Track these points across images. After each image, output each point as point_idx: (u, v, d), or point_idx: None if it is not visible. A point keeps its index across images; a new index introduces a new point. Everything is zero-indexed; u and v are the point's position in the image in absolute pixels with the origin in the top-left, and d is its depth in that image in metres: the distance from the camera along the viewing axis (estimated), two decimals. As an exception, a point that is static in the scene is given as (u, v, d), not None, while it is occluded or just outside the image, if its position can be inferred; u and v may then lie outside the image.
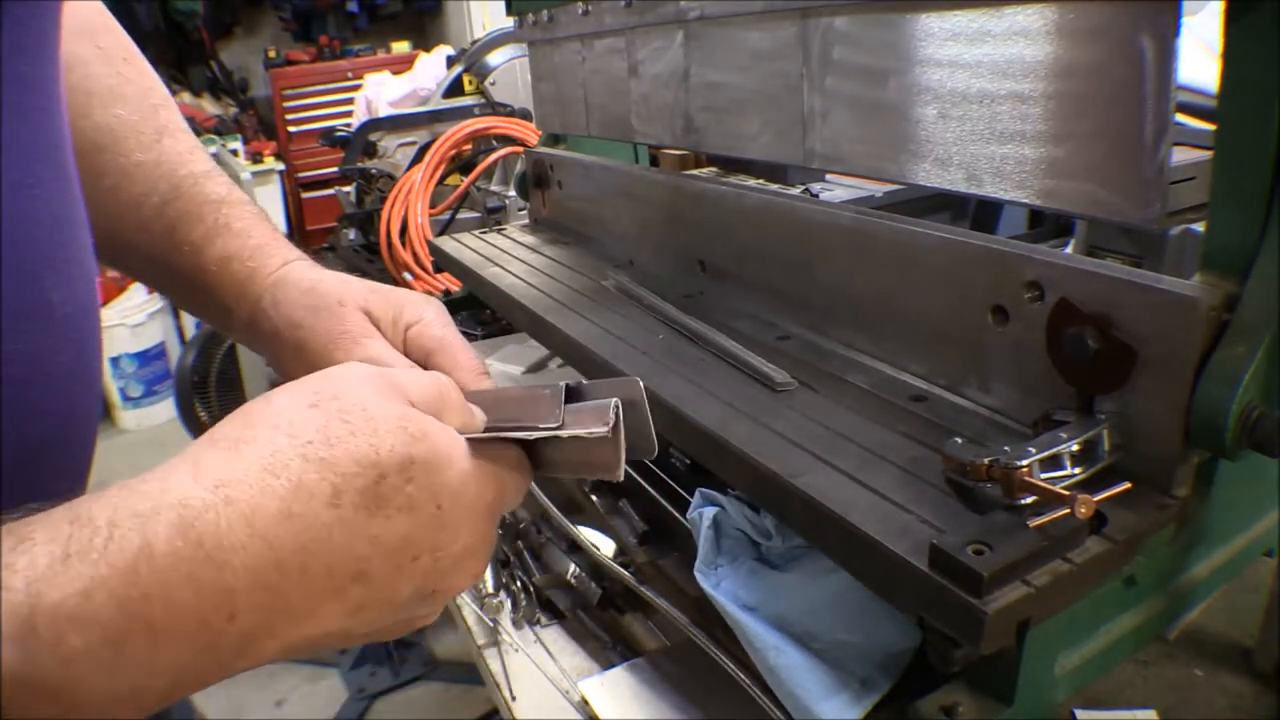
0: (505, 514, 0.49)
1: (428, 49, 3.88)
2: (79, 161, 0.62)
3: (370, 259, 2.35)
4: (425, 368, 0.60)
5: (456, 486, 0.43)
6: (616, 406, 0.47)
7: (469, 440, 0.45)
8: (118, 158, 0.65)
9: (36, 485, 0.44)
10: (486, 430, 0.47)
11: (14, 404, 0.42)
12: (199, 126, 5.22)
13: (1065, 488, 0.52)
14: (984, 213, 1.56)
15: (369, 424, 0.40)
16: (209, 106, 5.84)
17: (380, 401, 0.42)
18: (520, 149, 1.97)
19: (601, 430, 0.46)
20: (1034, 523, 0.52)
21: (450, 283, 1.91)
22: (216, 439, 0.39)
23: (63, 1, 0.50)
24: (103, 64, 0.66)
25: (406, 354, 0.61)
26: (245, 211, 0.67)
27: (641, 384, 0.48)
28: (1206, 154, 0.65)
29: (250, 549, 0.36)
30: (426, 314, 0.62)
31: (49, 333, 0.45)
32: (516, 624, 0.97)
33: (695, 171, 2.00)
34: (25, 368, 0.43)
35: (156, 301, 4.52)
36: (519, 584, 1.00)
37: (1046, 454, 0.55)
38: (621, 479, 0.48)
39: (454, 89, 2.59)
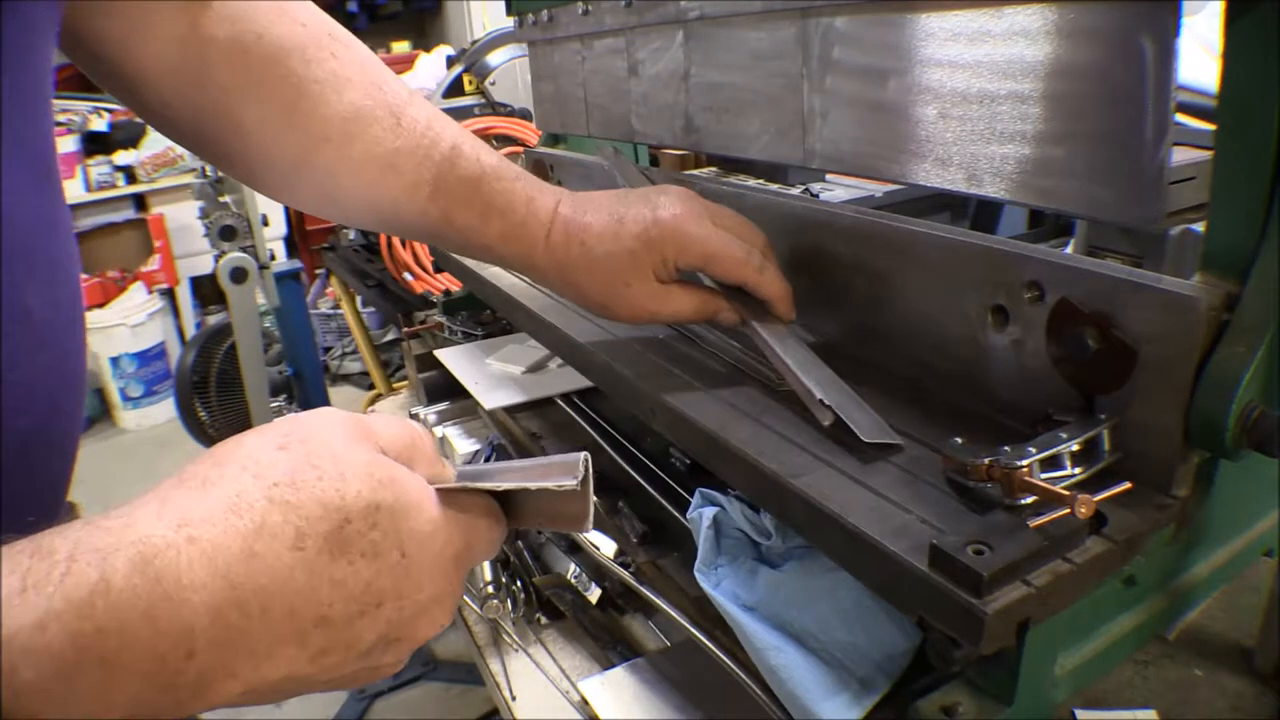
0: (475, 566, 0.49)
1: (428, 49, 3.88)
2: (334, 152, 0.68)
3: (370, 259, 2.35)
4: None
5: (423, 534, 0.43)
6: (586, 460, 0.47)
7: (438, 490, 0.45)
8: (372, 148, 0.69)
9: (19, 483, 0.46)
10: (456, 481, 0.47)
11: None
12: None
13: (1065, 488, 0.52)
14: (984, 213, 1.56)
15: (336, 468, 0.40)
16: (209, 106, 5.83)
17: (349, 447, 0.42)
18: (520, 149, 1.97)
19: (570, 483, 0.46)
20: (1034, 523, 0.52)
21: (450, 283, 1.91)
22: (185, 478, 0.39)
23: (55, 9, 0.51)
24: (315, 48, 0.68)
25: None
26: (502, 187, 0.73)
27: (588, 459, 0.48)
28: (1206, 154, 0.65)
29: (211, 587, 0.36)
30: (681, 239, 0.74)
31: (27, 334, 0.46)
32: (516, 624, 0.97)
33: (695, 171, 2.00)
34: (4, 371, 0.44)
35: (157, 301, 4.52)
36: (519, 584, 1.00)
37: (1046, 454, 0.55)
38: (589, 532, 0.49)
39: (454, 89, 2.59)
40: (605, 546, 0.95)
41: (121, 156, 4.63)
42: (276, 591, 0.37)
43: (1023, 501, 0.54)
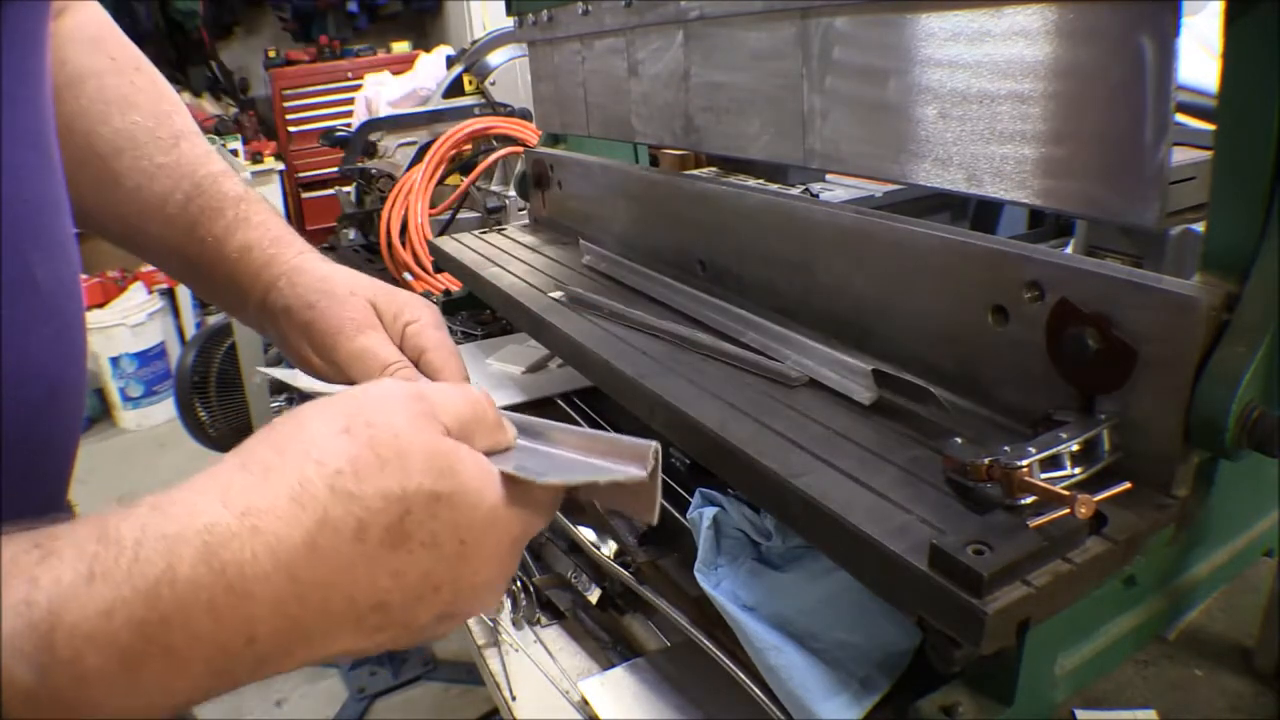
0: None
1: (428, 49, 3.88)
2: (102, 165, 0.69)
3: (370, 259, 2.35)
4: (416, 364, 0.65)
5: (482, 524, 0.43)
6: (656, 451, 0.46)
7: (502, 474, 0.45)
8: (139, 160, 0.70)
9: (26, 455, 0.47)
10: (519, 468, 0.46)
11: (7, 364, 0.44)
12: (199, 126, 5.22)
13: (1065, 488, 0.52)
14: (984, 213, 1.56)
15: (399, 457, 0.40)
16: (209, 106, 5.84)
17: (412, 430, 0.42)
18: (520, 149, 1.97)
19: (639, 474, 0.45)
20: (1034, 523, 0.52)
21: (450, 283, 1.91)
22: (247, 463, 0.40)
23: (48, 4, 0.53)
24: (116, 74, 0.71)
25: (402, 350, 0.65)
26: (261, 208, 0.72)
27: (659, 449, 0.46)
28: (1206, 154, 0.65)
29: (273, 580, 0.36)
30: (424, 316, 0.67)
31: (33, 306, 0.47)
32: (516, 624, 0.97)
33: (695, 171, 2.00)
34: (11, 337, 0.45)
35: (156, 301, 4.52)
36: (519, 584, 1.00)
37: (1046, 454, 0.55)
38: (655, 523, 0.47)
39: (454, 89, 2.59)
40: (605, 546, 0.95)
41: (121, 156, 4.62)
42: (337, 584, 0.38)
43: (1023, 501, 0.54)
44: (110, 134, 0.69)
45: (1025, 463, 0.54)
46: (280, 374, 1.09)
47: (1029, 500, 0.54)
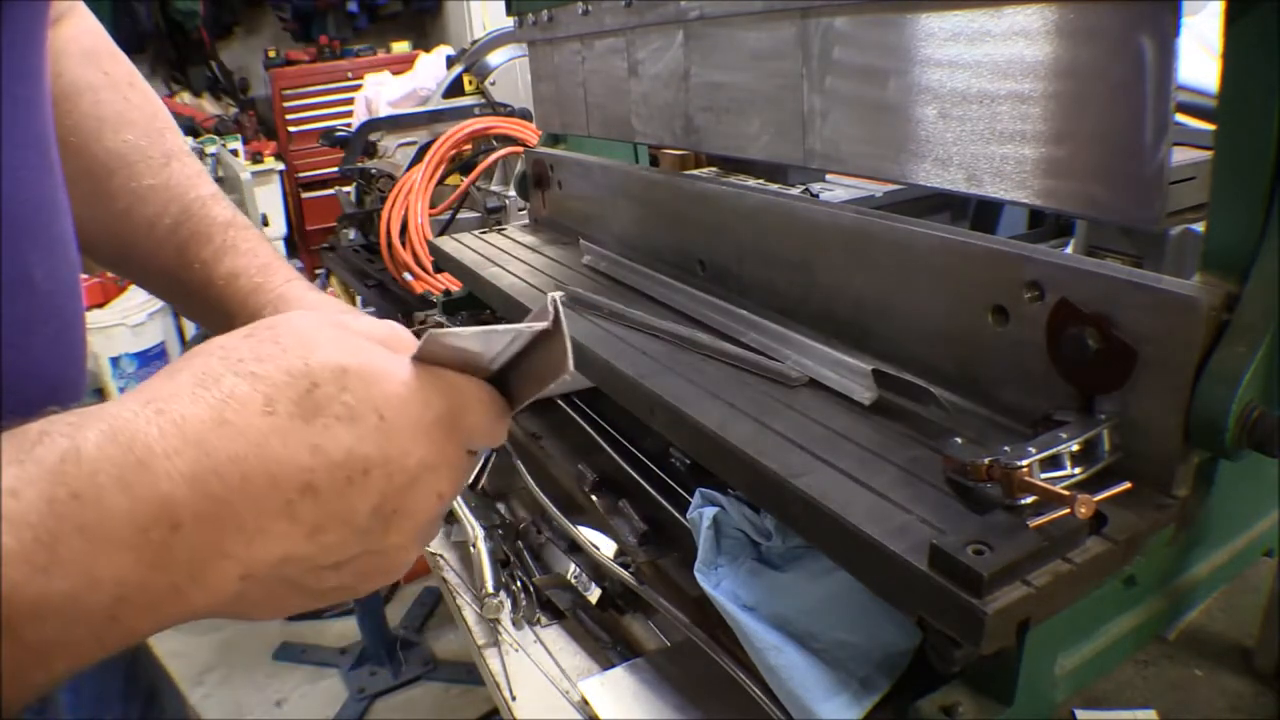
0: (480, 448, 0.47)
1: (428, 49, 3.88)
2: (93, 185, 0.69)
3: (370, 259, 2.35)
4: None
5: (399, 397, 0.41)
6: (554, 300, 0.44)
7: (412, 358, 0.43)
8: (129, 181, 0.69)
9: None
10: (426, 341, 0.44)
11: (7, 363, 0.44)
12: (199, 126, 5.22)
13: (1065, 488, 0.52)
14: (984, 213, 1.56)
15: (301, 343, 0.40)
16: (209, 106, 5.84)
17: (317, 329, 0.41)
18: (520, 149, 1.97)
19: (542, 325, 0.44)
20: (1034, 523, 0.52)
21: (450, 283, 1.91)
22: (155, 374, 0.40)
23: (48, 4, 0.53)
24: (110, 90, 0.71)
25: None
26: (249, 234, 0.71)
27: (556, 298, 0.44)
28: (1206, 154, 0.65)
29: (184, 454, 0.35)
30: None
31: (32, 306, 0.47)
32: (516, 624, 0.97)
33: (695, 171, 2.00)
34: (10, 337, 0.45)
35: (157, 302, 4.52)
36: (519, 584, 1.00)
37: (1046, 454, 0.55)
38: (571, 373, 0.45)
39: (454, 89, 2.58)
40: (605, 546, 0.95)
41: (121, 156, 4.62)
42: (253, 458, 0.36)
43: (1023, 501, 0.54)
44: (103, 153, 0.69)
45: (1025, 463, 0.54)
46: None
47: (1029, 500, 0.54)
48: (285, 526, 0.38)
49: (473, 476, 1.19)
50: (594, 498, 0.98)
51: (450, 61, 2.86)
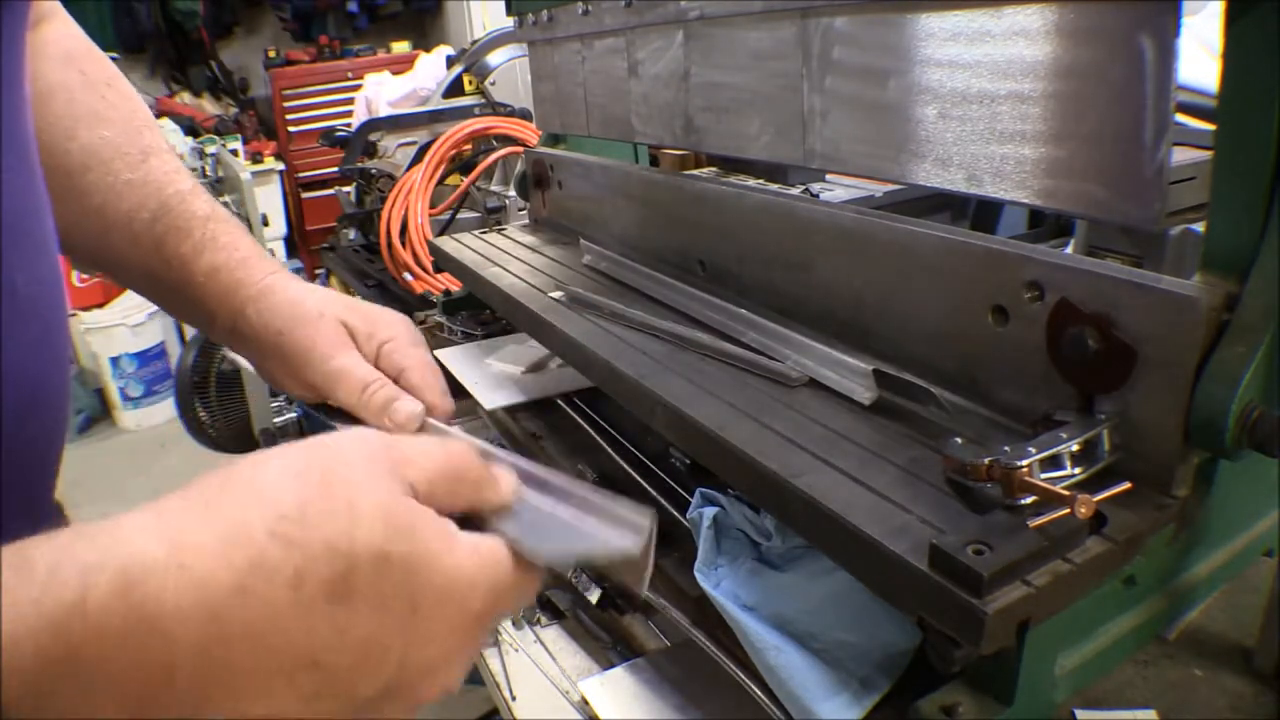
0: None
1: (428, 49, 3.88)
2: (68, 181, 0.67)
3: (370, 259, 2.35)
4: (396, 382, 0.64)
5: (440, 590, 0.39)
6: (652, 522, 0.43)
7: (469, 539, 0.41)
8: (105, 176, 0.68)
9: (8, 457, 0.47)
10: (504, 529, 0.43)
11: None
12: (199, 126, 5.22)
13: (1065, 488, 0.52)
14: (984, 213, 1.56)
15: (351, 506, 0.37)
16: (209, 106, 5.84)
17: (372, 481, 0.39)
18: (520, 149, 1.96)
19: (632, 551, 0.43)
20: (1034, 523, 0.52)
21: (450, 283, 1.91)
22: (189, 494, 0.37)
23: (29, 6, 0.53)
24: (86, 90, 0.70)
25: (379, 368, 0.65)
26: (229, 227, 0.70)
27: (655, 520, 0.44)
28: (1206, 154, 0.65)
29: (195, 619, 0.34)
30: (400, 333, 0.66)
31: (13, 309, 0.47)
32: (516, 624, 0.97)
33: (695, 171, 2.00)
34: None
35: (157, 301, 4.52)
36: (519, 584, 1.00)
37: (1046, 454, 0.55)
38: (644, 594, 0.45)
39: (454, 89, 2.58)
40: (605, 546, 0.95)
41: (121, 156, 4.61)
42: (268, 633, 0.35)
43: (1023, 501, 0.54)
44: (77, 150, 0.67)
45: (1025, 463, 0.54)
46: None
47: (1029, 500, 0.54)
48: (282, 691, 0.36)
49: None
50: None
51: (450, 61, 2.86)
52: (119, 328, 4.29)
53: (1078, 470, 0.57)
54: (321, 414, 0.66)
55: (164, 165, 0.71)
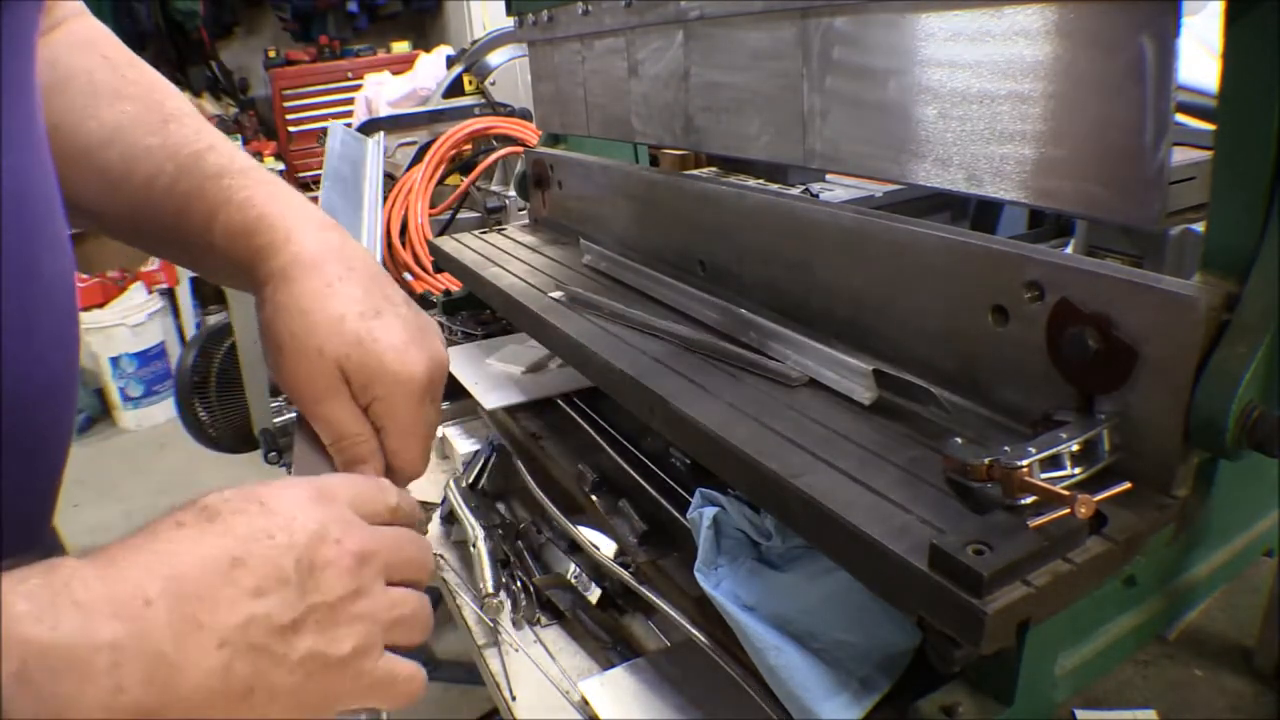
0: (366, 514, 0.52)
1: (428, 49, 3.88)
2: (90, 159, 0.67)
3: (370, 259, 2.35)
4: (378, 433, 0.64)
5: (274, 488, 0.49)
6: None
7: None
8: (127, 147, 0.67)
9: (27, 436, 0.51)
10: None
11: (11, 353, 0.48)
12: (199, 126, 5.21)
13: (1065, 488, 0.52)
14: (984, 213, 1.56)
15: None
16: (209, 106, 5.83)
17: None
18: (520, 149, 1.97)
19: None
20: (1034, 523, 0.52)
21: (450, 283, 1.91)
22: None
23: (36, 6, 0.55)
24: (108, 70, 0.69)
25: (368, 415, 0.63)
26: (246, 180, 0.67)
27: None
28: (1206, 154, 0.65)
29: (138, 558, 0.42)
30: (395, 392, 0.62)
31: (38, 293, 0.51)
32: (516, 624, 0.97)
33: (695, 171, 2.00)
34: (19, 321, 0.49)
35: (157, 301, 4.52)
36: (519, 584, 1.00)
37: (1046, 454, 0.55)
38: None
39: (454, 89, 2.59)
40: (605, 546, 0.95)
41: (121, 156, 4.61)
42: (183, 551, 0.43)
43: (1023, 501, 0.54)
44: (98, 126, 0.67)
45: (1025, 463, 0.54)
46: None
47: (1029, 500, 0.54)
48: (234, 593, 0.43)
49: (473, 477, 1.19)
50: (594, 498, 0.98)
51: (450, 61, 2.86)
52: (119, 328, 4.29)
53: (1078, 470, 0.57)
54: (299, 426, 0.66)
55: (184, 129, 0.69)
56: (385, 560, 0.50)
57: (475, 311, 1.57)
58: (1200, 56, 0.99)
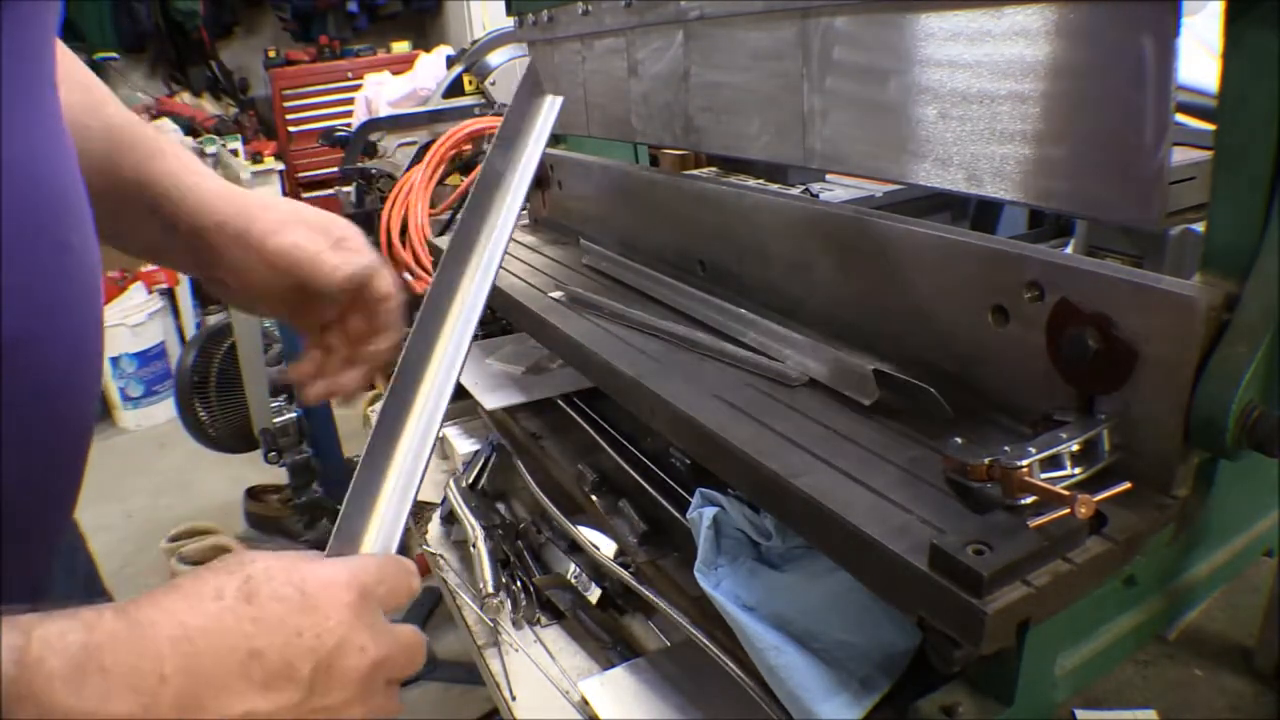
0: (391, 613, 0.54)
1: (428, 49, 3.88)
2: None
3: (370, 259, 2.35)
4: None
5: (319, 577, 0.51)
6: None
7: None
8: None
9: (60, 396, 0.56)
10: None
11: (47, 329, 0.52)
12: (199, 126, 5.22)
13: (1065, 488, 0.52)
14: (984, 213, 1.56)
15: (239, 558, 0.50)
16: (209, 106, 5.83)
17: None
18: (520, 149, 1.96)
19: None
20: (1034, 523, 0.52)
21: (450, 283, 1.91)
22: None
23: (55, 12, 0.59)
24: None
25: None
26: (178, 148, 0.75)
27: None
28: (1206, 154, 0.65)
29: (166, 624, 0.45)
30: (353, 232, 0.76)
31: (69, 264, 0.55)
32: (516, 624, 0.97)
33: (695, 171, 2.00)
34: (53, 291, 0.53)
35: (156, 301, 4.52)
36: (519, 584, 1.00)
37: (1046, 454, 0.55)
38: None
39: (454, 89, 2.58)
40: (605, 546, 0.95)
41: (122, 156, 4.61)
42: (212, 629, 0.46)
43: (1023, 501, 0.54)
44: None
45: (1025, 463, 0.54)
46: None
47: (1029, 500, 0.54)
48: (244, 685, 0.46)
49: (473, 477, 1.19)
50: (594, 498, 0.98)
51: (450, 61, 2.86)
52: (119, 328, 4.28)
53: (1078, 470, 0.57)
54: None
55: (114, 117, 0.74)
56: (396, 665, 0.53)
57: (475, 311, 1.57)
58: (1200, 56, 0.99)
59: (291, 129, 5.61)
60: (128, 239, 0.78)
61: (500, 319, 1.51)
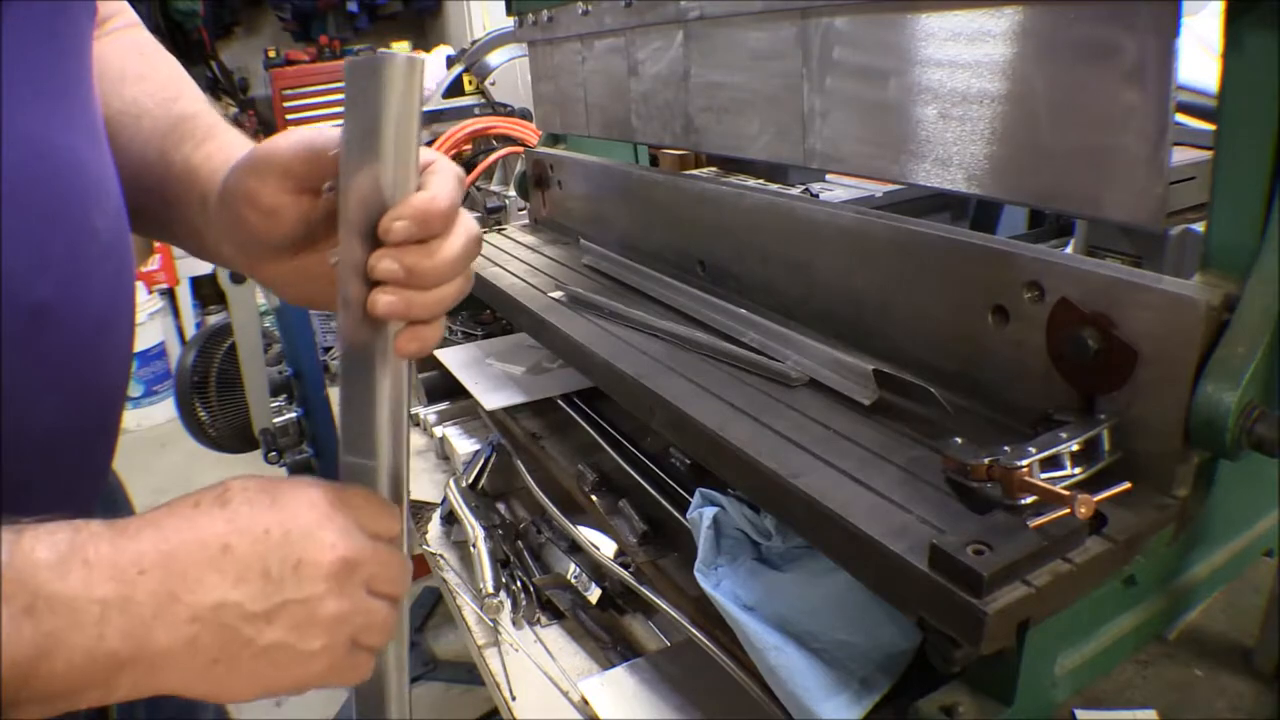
0: (368, 530, 0.55)
1: (428, 49, 3.88)
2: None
3: (370, 259, 2.35)
4: None
5: (290, 486, 0.54)
6: None
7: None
8: (138, 134, 0.73)
9: (90, 362, 0.59)
10: None
11: (74, 298, 0.56)
12: (199, 126, 5.21)
13: (1065, 488, 0.52)
14: (984, 213, 1.56)
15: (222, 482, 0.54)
16: (209, 106, 5.83)
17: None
18: (520, 149, 1.96)
19: None
20: (1034, 523, 0.52)
21: (450, 283, 1.91)
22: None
23: (91, 12, 0.63)
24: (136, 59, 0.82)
25: None
26: (227, 126, 0.74)
27: None
28: (1206, 154, 0.65)
29: (146, 530, 0.49)
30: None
31: (97, 248, 0.59)
32: (516, 624, 0.97)
33: (695, 171, 2.00)
34: (81, 272, 0.57)
35: (157, 301, 4.52)
36: (519, 584, 1.00)
37: (1046, 454, 0.55)
38: None
39: (454, 89, 2.58)
40: (605, 546, 0.95)
41: (122, 157, 4.62)
42: (186, 528, 0.49)
43: (1023, 501, 0.54)
44: (119, 103, 0.72)
45: (1025, 463, 0.54)
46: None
47: (1029, 500, 0.54)
48: (216, 578, 0.49)
49: (473, 477, 1.19)
50: (594, 498, 0.98)
51: (450, 61, 2.85)
52: (119, 327, 4.29)
53: (1078, 470, 0.57)
54: None
55: (186, 109, 0.74)
56: (370, 571, 0.54)
57: (475, 311, 1.57)
58: (1200, 56, 0.99)
59: (291, 129, 5.61)
60: (177, 229, 0.75)
61: (500, 319, 1.51)
